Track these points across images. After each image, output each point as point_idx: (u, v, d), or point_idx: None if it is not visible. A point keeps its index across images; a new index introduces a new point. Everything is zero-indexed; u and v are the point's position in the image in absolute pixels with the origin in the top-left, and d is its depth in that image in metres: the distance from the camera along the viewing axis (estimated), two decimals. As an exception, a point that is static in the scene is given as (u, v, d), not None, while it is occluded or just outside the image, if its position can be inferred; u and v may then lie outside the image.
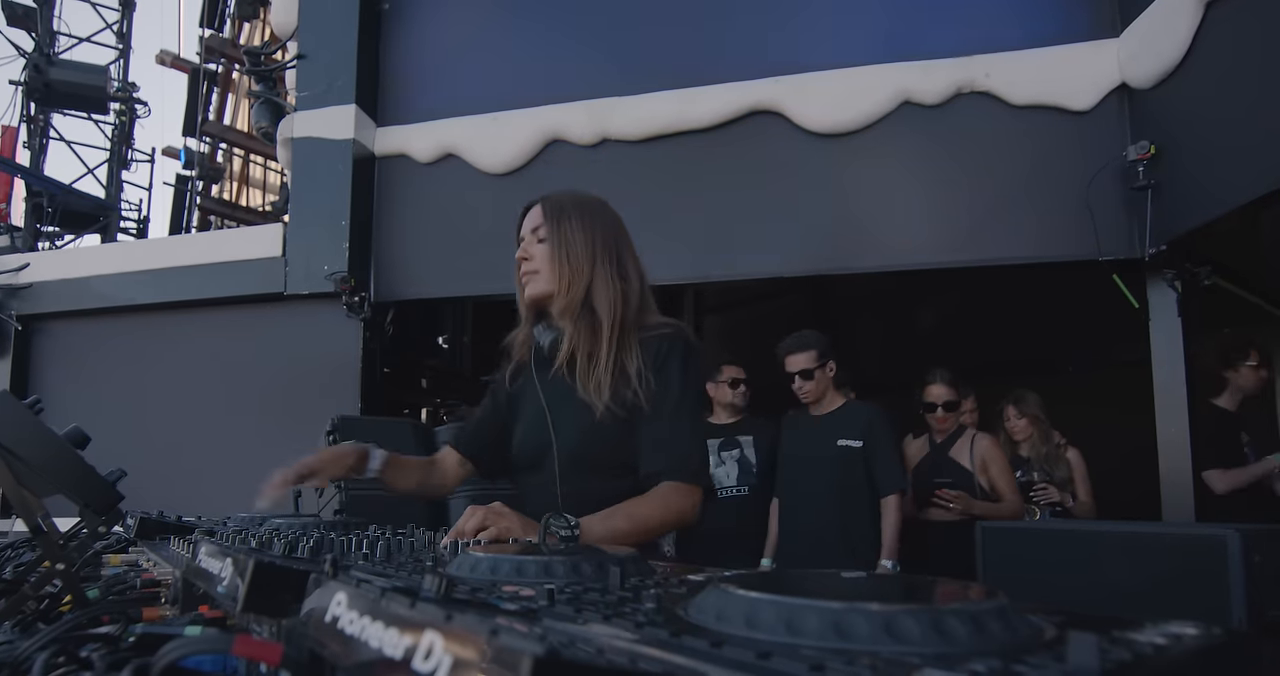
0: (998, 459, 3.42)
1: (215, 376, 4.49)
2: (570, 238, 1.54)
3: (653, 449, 1.43)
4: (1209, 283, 3.32)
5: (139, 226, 10.73)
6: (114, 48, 10.43)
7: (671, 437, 1.43)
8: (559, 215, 1.57)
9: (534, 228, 1.59)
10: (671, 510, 1.39)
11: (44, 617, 0.91)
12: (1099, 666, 0.33)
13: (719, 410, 3.55)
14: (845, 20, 3.82)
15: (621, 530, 1.32)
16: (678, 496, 1.40)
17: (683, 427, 1.45)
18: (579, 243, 1.54)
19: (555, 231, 1.55)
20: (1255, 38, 2.75)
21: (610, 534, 1.29)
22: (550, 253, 1.54)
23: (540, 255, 1.55)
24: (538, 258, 1.55)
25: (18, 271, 4.91)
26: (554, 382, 1.53)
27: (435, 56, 4.48)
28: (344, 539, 0.87)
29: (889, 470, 3.15)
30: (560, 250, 1.53)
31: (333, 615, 0.51)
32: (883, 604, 0.41)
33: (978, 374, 3.93)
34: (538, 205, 1.62)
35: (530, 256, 1.56)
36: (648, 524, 1.37)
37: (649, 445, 1.43)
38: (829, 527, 3.13)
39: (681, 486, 1.41)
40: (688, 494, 1.41)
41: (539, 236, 1.57)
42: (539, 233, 1.57)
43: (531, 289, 1.56)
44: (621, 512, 1.35)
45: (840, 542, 3.11)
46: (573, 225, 1.56)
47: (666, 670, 0.35)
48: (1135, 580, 2.07)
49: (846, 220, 3.76)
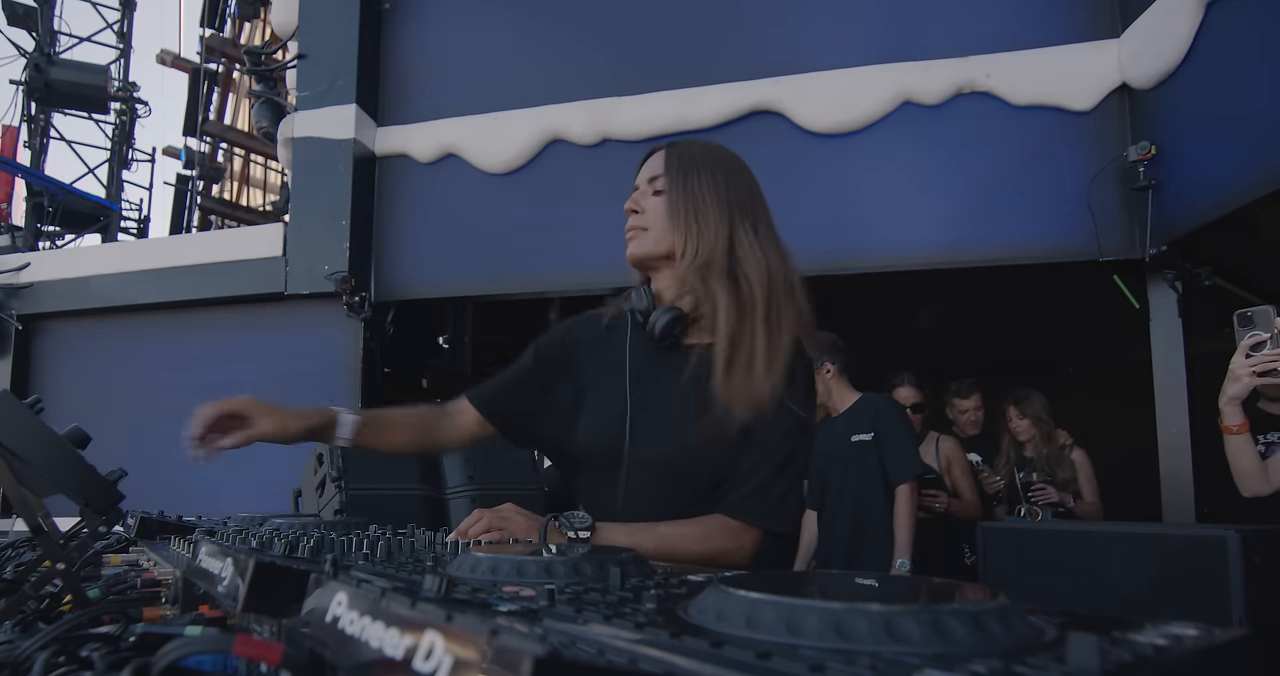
0: (960, 460, 3.56)
1: (215, 376, 4.49)
2: (699, 192, 1.28)
3: (738, 475, 1.21)
4: (1209, 283, 3.32)
5: (139, 226, 10.75)
6: (114, 47, 10.43)
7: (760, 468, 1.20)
8: (687, 167, 1.31)
9: (651, 177, 1.33)
10: (712, 544, 1.18)
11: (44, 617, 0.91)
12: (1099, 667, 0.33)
13: None
14: (845, 20, 3.82)
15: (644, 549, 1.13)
16: (724, 532, 1.19)
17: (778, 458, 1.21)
18: (709, 199, 1.28)
19: (680, 184, 1.29)
20: (1255, 38, 2.75)
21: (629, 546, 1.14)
22: (669, 207, 1.28)
23: (654, 210, 1.30)
24: (649, 212, 1.31)
25: (18, 271, 4.91)
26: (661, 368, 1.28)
27: (435, 56, 4.48)
28: (344, 539, 0.87)
29: (897, 459, 3.04)
30: (685, 205, 1.27)
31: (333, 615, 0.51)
32: (883, 604, 0.41)
33: (978, 374, 3.93)
34: (661, 151, 1.36)
35: (641, 209, 1.32)
36: (675, 550, 1.14)
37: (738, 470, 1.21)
38: (852, 528, 3.07)
39: (733, 524, 1.19)
40: (737, 533, 1.19)
41: (656, 187, 1.32)
42: (656, 183, 1.32)
43: (633, 248, 1.32)
44: (652, 530, 1.17)
45: (869, 543, 3.03)
46: (703, 179, 1.29)
47: (667, 670, 0.35)
48: (1135, 580, 2.07)
49: (847, 220, 3.75)
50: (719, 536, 1.20)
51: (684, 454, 1.23)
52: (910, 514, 2.99)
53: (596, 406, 1.33)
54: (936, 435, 3.64)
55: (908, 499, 3.00)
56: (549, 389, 1.39)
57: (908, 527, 2.97)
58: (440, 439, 1.42)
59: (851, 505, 3.08)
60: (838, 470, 3.14)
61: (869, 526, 3.05)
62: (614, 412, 1.27)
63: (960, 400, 3.78)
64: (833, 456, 3.15)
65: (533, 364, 1.42)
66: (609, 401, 1.29)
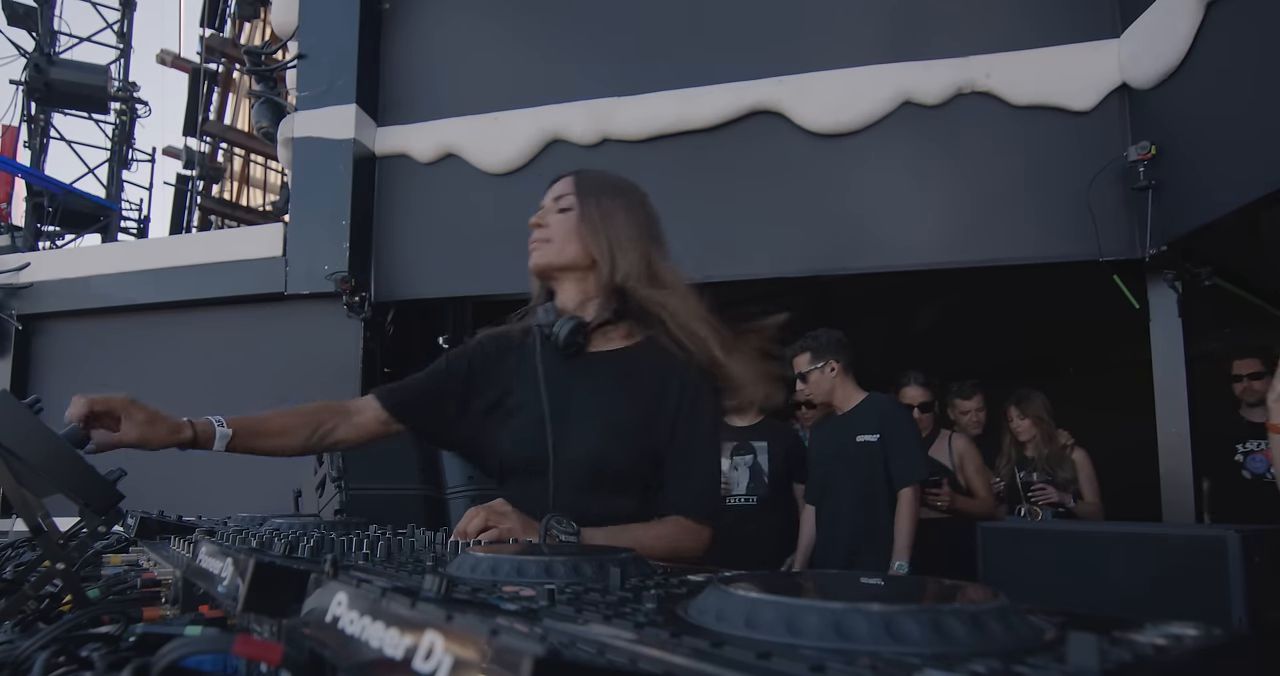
0: (974, 458, 3.53)
1: (215, 376, 4.49)
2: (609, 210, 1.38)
3: (678, 478, 1.32)
4: (1209, 283, 3.32)
5: (139, 226, 10.74)
6: (114, 47, 10.43)
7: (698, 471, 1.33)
8: (595, 190, 1.41)
9: (557, 196, 1.42)
10: (679, 546, 1.29)
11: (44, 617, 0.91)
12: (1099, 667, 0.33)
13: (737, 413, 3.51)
14: (845, 20, 3.82)
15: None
16: (687, 535, 1.31)
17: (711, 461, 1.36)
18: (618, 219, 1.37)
19: (587, 203, 1.38)
20: (1255, 38, 2.75)
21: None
22: (579, 223, 1.37)
23: (558, 224, 1.39)
24: (554, 226, 1.39)
25: (18, 271, 4.91)
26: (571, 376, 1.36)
27: (435, 56, 4.48)
28: (344, 539, 0.87)
29: (902, 462, 3.02)
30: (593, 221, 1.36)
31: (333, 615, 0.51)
32: (883, 604, 0.41)
33: (978, 374, 3.94)
34: (569, 177, 1.45)
35: (545, 223, 1.40)
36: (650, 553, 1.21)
37: (675, 474, 1.32)
38: (860, 529, 3.05)
39: (693, 526, 1.31)
40: (697, 534, 1.32)
41: (561, 206, 1.40)
42: (562, 201, 1.41)
43: (536, 257, 1.40)
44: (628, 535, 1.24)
45: (871, 543, 3.01)
46: (614, 200, 1.40)
47: (667, 670, 0.35)
48: (1135, 580, 2.07)
49: (847, 220, 3.75)
50: (684, 538, 1.31)
51: (602, 452, 1.31)
52: (912, 517, 2.98)
53: (517, 416, 1.40)
54: (950, 433, 3.62)
55: (910, 502, 2.99)
56: (461, 398, 1.45)
57: (908, 531, 2.96)
58: (335, 437, 1.43)
59: (854, 505, 3.07)
60: (840, 469, 3.13)
61: (871, 528, 3.04)
62: (534, 421, 1.34)
63: (962, 401, 3.78)
64: (837, 455, 3.14)
65: (445, 372, 1.48)
66: (528, 411, 1.37)
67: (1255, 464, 3.57)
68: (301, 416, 1.41)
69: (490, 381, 1.45)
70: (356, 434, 1.44)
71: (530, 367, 1.38)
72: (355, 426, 1.44)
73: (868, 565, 2.98)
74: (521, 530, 1.16)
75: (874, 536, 3.02)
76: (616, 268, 1.34)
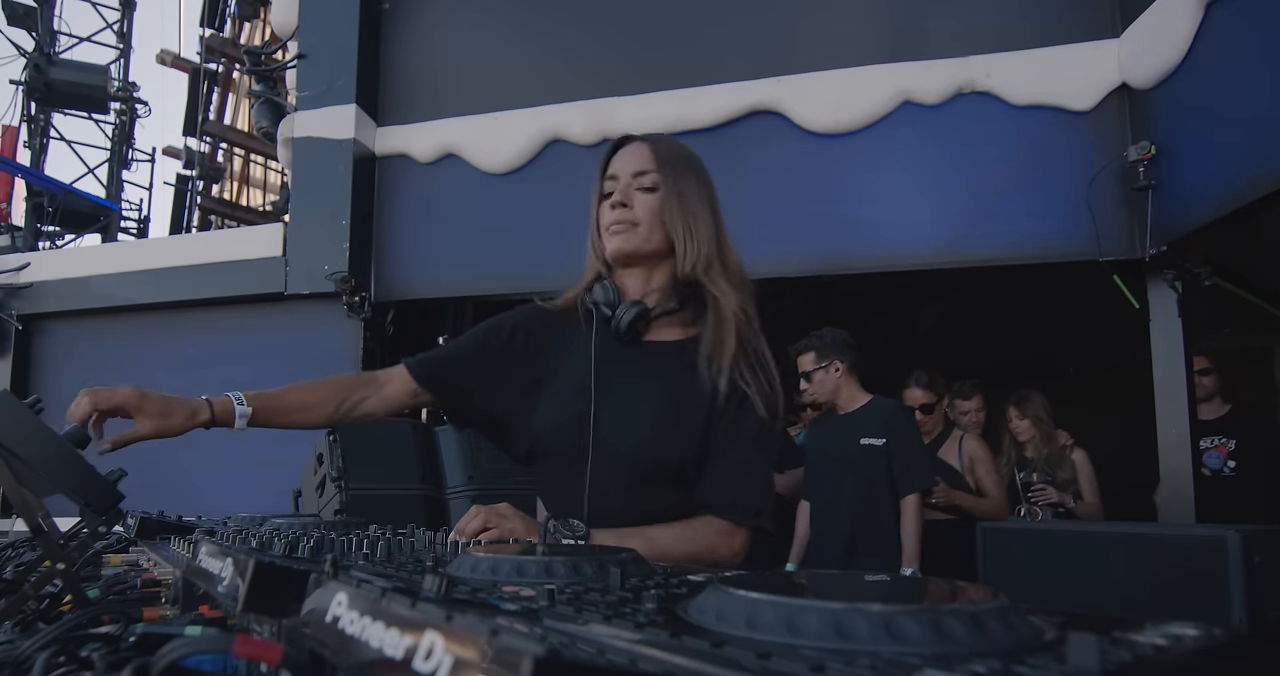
0: (984, 458, 3.48)
1: (215, 376, 4.49)
2: (690, 193, 1.30)
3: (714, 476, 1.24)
4: (1209, 283, 3.32)
5: (139, 226, 10.75)
6: (114, 47, 10.44)
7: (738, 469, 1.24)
8: (676, 166, 1.32)
9: (638, 172, 1.31)
10: (703, 545, 1.21)
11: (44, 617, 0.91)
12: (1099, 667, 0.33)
13: None
14: (845, 20, 3.82)
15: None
16: (716, 534, 1.22)
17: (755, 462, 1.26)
18: (697, 202, 1.30)
19: (672, 183, 1.29)
20: (1255, 38, 2.75)
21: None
22: (664, 207, 1.29)
23: (644, 206, 1.30)
24: (639, 207, 1.30)
25: (18, 271, 4.92)
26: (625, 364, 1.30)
27: (435, 56, 4.48)
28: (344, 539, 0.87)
29: (908, 468, 3.02)
30: (682, 207, 1.28)
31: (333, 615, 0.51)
32: (883, 604, 0.41)
33: (978, 374, 3.94)
34: (644, 145, 1.34)
35: (631, 203, 1.30)
36: (669, 553, 1.15)
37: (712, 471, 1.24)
38: (858, 530, 3.05)
39: (725, 525, 1.23)
40: (729, 534, 1.23)
41: (643, 183, 1.31)
42: (644, 179, 1.31)
43: (621, 243, 1.30)
44: (641, 535, 1.17)
45: (870, 545, 3.02)
46: (690, 181, 1.31)
47: (666, 670, 0.35)
48: (1135, 581, 2.07)
49: (847, 220, 3.76)
50: (710, 537, 1.22)
51: (647, 446, 1.25)
52: (918, 524, 3.00)
53: (557, 395, 1.33)
54: (960, 433, 3.58)
55: (915, 509, 3.00)
56: (497, 373, 1.38)
57: (915, 536, 2.97)
58: (363, 410, 1.37)
59: (855, 506, 3.08)
60: (841, 469, 3.12)
61: (873, 529, 3.04)
62: (578, 407, 1.28)
63: (962, 402, 3.78)
64: (839, 455, 3.14)
65: (480, 345, 1.41)
66: (573, 395, 1.30)
67: (1212, 460, 3.59)
68: (326, 389, 1.35)
69: (533, 358, 1.38)
70: (384, 405, 1.39)
71: (582, 349, 1.32)
72: (383, 398, 1.38)
73: (868, 566, 2.98)
74: (523, 531, 1.15)
75: (875, 537, 3.03)
76: (693, 256, 1.28)
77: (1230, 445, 3.59)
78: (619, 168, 1.34)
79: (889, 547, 3.00)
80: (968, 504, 3.34)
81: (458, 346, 1.44)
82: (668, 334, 1.33)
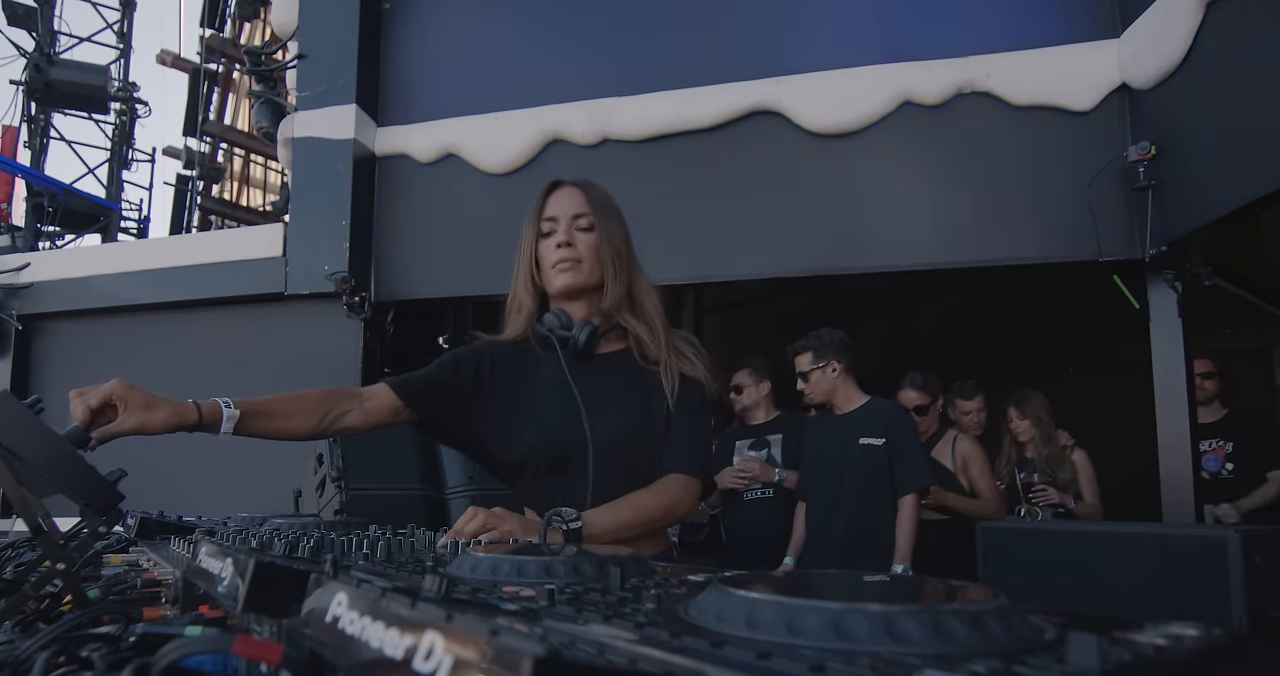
0: (978, 459, 3.48)
1: (215, 376, 4.49)
2: (615, 232, 1.51)
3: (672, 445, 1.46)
4: (1209, 283, 3.32)
5: (139, 226, 10.74)
6: (114, 47, 10.43)
7: (688, 433, 1.47)
8: (605, 209, 1.52)
9: (576, 215, 1.50)
10: (674, 500, 1.41)
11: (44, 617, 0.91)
12: (1099, 667, 0.33)
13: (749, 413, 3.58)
14: (845, 20, 3.82)
15: (627, 521, 1.33)
16: (680, 488, 1.43)
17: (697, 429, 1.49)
18: (620, 240, 1.51)
19: (604, 224, 1.50)
20: (1255, 38, 2.75)
21: (617, 525, 1.30)
22: (596, 245, 1.49)
23: (585, 244, 1.49)
24: (581, 246, 1.49)
25: (18, 271, 4.91)
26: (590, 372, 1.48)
27: (435, 56, 4.48)
28: (344, 539, 0.87)
29: (908, 469, 3.04)
30: (609, 244, 1.49)
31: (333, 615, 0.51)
32: (883, 604, 0.41)
33: (978, 374, 3.94)
34: (577, 190, 1.54)
35: (574, 242, 1.49)
36: (651, 513, 1.38)
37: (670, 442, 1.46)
38: (856, 529, 3.05)
39: (684, 478, 1.44)
40: (688, 485, 1.44)
41: (581, 225, 1.50)
42: (581, 221, 1.50)
43: (570, 279, 1.49)
44: (627, 503, 1.36)
45: (868, 545, 3.03)
46: (616, 221, 1.53)
47: (666, 670, 0.35)
48: (1135, 581, 2.07)
49: (847, 220, 3.76)
50: (677, 491, 1.42)
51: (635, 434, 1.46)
52: (914, 523, 3.01)
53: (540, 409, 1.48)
54: (955, 433, 3.59)
55: (912, 509, 3.02)
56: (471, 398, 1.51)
57: (909, 535, 2.99)
58: (346, 423, 1.42)
59: (855, 506, 3.08)
60: (840, 470, 3.12)
61: (873, 529, 3.04)
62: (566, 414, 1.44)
63: (963, 402, 3.77)
64: (840, 456, 3.14)
65: (455, 369, 1.53)
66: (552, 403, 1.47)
67: (1210, 462, 3.58)
68: (312, 400, 1.39)
69: (501, 383, 1.52)
70: (366, 420, 1.44)
71: (546, 371, 1.49)
72: (366, 412, 1.44)
73: (867, 566, 2.98)
74: (521, 532, 1.16)
75: (874, 537, 3.03)
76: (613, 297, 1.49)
77: (1228, 447, 3.59)
78: (556, 210, 1.51)
79: (888, 547, 3.00)
80: (960, 505, 3.36)
81: (437, 368, 1.54)
82: (611, 347, 1.54)
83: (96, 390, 1.16)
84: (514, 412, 1.50)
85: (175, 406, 1.21)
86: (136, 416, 1.17)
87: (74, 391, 1.16)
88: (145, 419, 1.18)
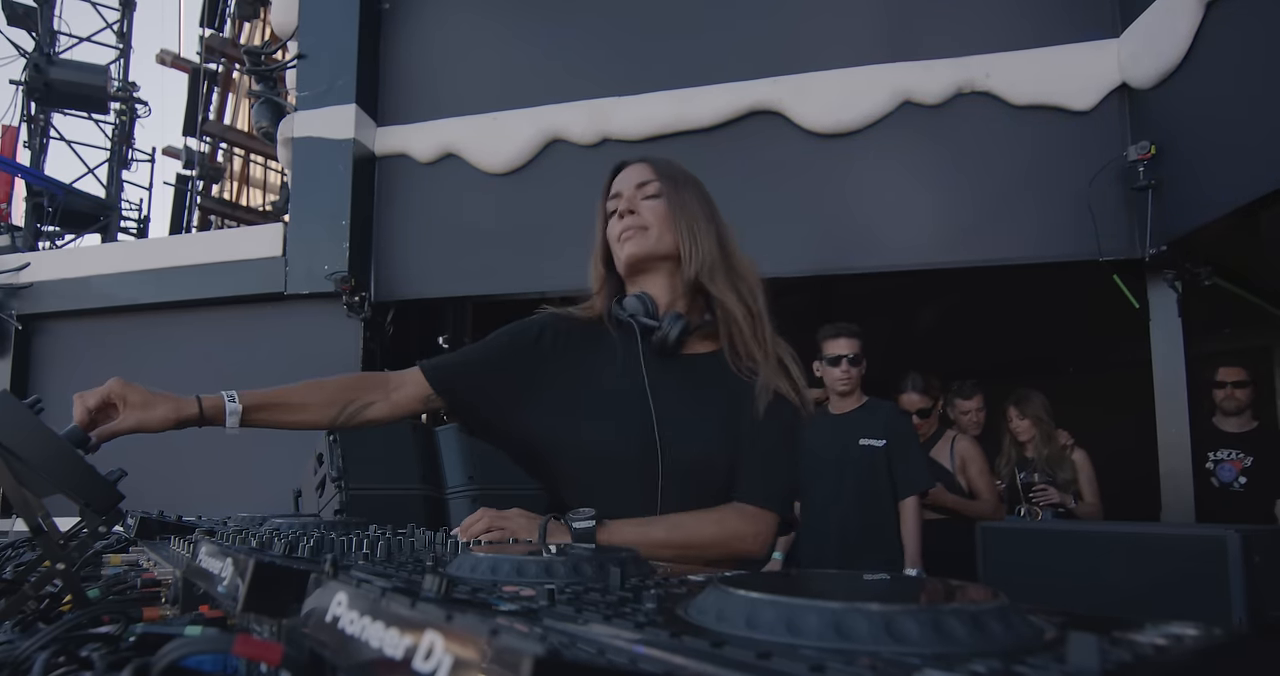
0: (976, 459, 3.50)
1: (215, 376, 4.49)
2: (690, 199, 1.34)
3: (744, 471, 1.27)
4: (1209, 283, 3.32)
5: (139, 226, 10.74)
6: (114, 47, 10.43)
7: (769, 459, 1.28)
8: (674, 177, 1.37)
9: (640, 182, 1.36)
10: (727, 530, 1.21)
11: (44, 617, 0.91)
12: (1099, 667, 0.33)
13: None
14: (845, 20, 3.83)
15: (657, 540, 1.14)
16: (742, 520, 1.23)
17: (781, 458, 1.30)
18: (696, 206, 1.34)
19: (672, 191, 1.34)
20: (1255, 38, 2.75)
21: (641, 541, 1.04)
22: (664, 211, 1.32)
23: (650, 210, 1.33)
24: (646, 212, 1.33)
25: (18, 271, 4.92)
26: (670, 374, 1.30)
27: (435, 56, 4.48)
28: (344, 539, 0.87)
29: (909, 470, 3.04)
30: (681, 211, 1.32)
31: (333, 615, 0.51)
32: (883, 604, 0.41)
33: (978, 374, 3.94)
34: (642, 163, 1.40)
35: (637, 209, 1.33)
36: (690, 539, 1.17)
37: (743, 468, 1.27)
38: (854, 527, 3.05)
39: (752, 510, 1.24)
40: (752, 518, 1.23)
41: (648, 192, 1.35)
42: (647, 188, 1.35)
43: (634, 247, 1.32)
44: (663, 520, 1.19)
45: (866, 543, 3.03)
46: (688, 190, 1.36)
47: (666, 670, 0.35)
48: (1136, 581, 2.07)
49: (847, 220, 3.76)
50: (734, 521, 1.23)
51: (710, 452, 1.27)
52: (918, 525, 3.01)
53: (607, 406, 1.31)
54: (953, 434, 3.60)
55: (914, 511, 3.02)
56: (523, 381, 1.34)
57: (916, 537, 2.99)
58: (369, 415, 1.33)
59: (855, 506, 3.07)
60: (839, 469, 3.12)
61: (870, 530, 3.04)
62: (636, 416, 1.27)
63: (962, 401, 3.78)
64: (838, 455, 3.14)
65: (506, 348, 1.38)
66: (621, 403, 1.29)
67: (1225, 472, 3.54)
68: (331, 390, 1.31)
69: (563, 361, 1.36)
70: (392, 411, 1.35)
71: (619, 360, 1.32)
72: (393, 403, 1.35)
73: (867, 565, 2.98)
74: (527, 532, 1.14)
75: (874, 537, 3.03)
76: (698, 262, 1.31)
77: (1247, 462, 3.51)
78: (621, 185, 1.38)
79: (887, 547, 3.01)
80: (959, 506, 3.37)
81: (481, 349, 1.40)
82: (700, 347, 1.36)
83: (94, 391, 1.16)
84: (572, 407, 1.32)
85: (174, 402, 1.19)
86: (135, 414, 1.16)
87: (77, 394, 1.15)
88: (144, 416, 1.16)
